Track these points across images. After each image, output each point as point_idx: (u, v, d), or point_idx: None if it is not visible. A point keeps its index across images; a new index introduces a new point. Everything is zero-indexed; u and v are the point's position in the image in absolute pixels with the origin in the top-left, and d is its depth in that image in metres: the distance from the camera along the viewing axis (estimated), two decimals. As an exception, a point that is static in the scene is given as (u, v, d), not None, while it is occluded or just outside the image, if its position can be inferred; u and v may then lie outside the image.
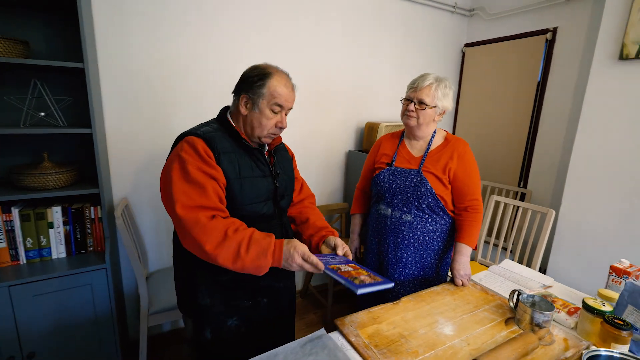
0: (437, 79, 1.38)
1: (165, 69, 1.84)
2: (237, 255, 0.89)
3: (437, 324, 1.09)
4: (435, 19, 2.76)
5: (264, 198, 1.07)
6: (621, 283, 1.14)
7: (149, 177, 1.90)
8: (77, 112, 1.63)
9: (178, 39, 1.84)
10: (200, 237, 0.88)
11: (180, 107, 1.92)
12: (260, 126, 1.05)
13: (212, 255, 0.88)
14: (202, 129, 1.02)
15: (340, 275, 0.91)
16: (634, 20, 1.60)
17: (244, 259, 0.89)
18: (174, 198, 0.90)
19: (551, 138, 2.34)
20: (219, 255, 0.88)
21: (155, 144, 1.89)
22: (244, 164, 1.04)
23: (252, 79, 1.02)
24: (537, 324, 1.04)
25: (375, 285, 0.92)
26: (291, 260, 0.92)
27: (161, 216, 1.99)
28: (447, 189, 1.41)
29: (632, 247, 1.68)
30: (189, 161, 0.94)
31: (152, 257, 2.00)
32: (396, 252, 1.47)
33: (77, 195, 1.62)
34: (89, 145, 1.52)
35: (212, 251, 0.88)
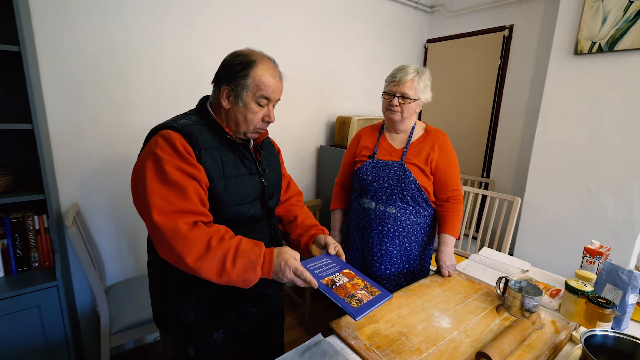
0: (418, 70, 1.36)
1: (118, 56, 1.64)
2: (223, 268, 0.79)
3: (433, 317, 1.07)
4: (399, 14, 2.78)
5: (250, 199, 0.97)
6: (594, 263, 1.21)
7: (102, 177, 1.69)
8: (12, 105, 1.39)
9: (132, 22, 1.65)
10: (181, 248, 0.76)
11: (136, 99, 1.73)
12: (245, 121, 0.94)
13: (193, 269, 0.77)
14: (180, 122, 0.89)
15: (335, 296, 0.85)
16: (586, 18, 1.71)
17: (230, 272, 0.79)
18: (150, 203, 0.78)
19: (511, 130, 2.47)
20: (202, 268, 0.78)
21: (109, 141, 1.68)
22: (229, 162, 0.93)
23: (233, 67, 0.91)
24: (528, 309, 1.06)
25: (374, 303, 0.87)
26: (282, 274, 0.83)
27: (120, 221, 1.78)
28: (429, 180, 1.41)
29: (590, 228, 1.82)
30: (166, 159, 0.81)
31: (111, 268, 1.79)
32: (381, 246, 1.44)
33: (16, 204, 1.39)
34: (28, 144, 1.31)
35: (194, 264, 0.77)
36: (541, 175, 1.99)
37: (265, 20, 2.09)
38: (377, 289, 0.93)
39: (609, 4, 1.63)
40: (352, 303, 0.84)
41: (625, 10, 1.59)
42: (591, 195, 1.79)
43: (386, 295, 0.92)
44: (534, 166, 2.01)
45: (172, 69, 1.80)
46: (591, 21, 1.69)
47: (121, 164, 1.73)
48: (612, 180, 1.72)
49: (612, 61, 1.66)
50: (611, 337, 0.86)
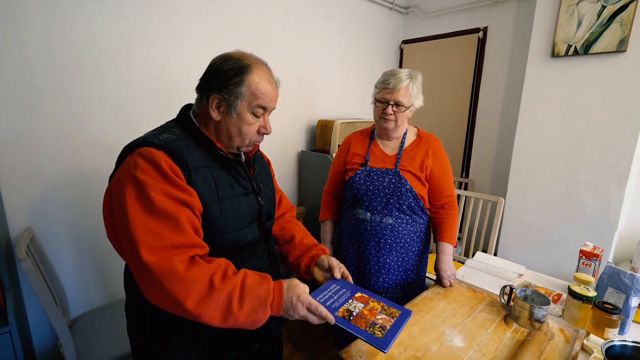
0: (411, 75, 1.31)
1: (76, 58, 1.44)
2: (228, 310, 0.68)
3: (444, 336, 1.01)
4: (375, 14, 2.75)
5: (248, 221, 0.86)
6: (591, 265, 1.22)
7: (61, 197, 1.49)
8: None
9: (92, 21, 1.46)
10: (178, 291, 0.64)
11: (98, 106, 1.54)
12: (239, 135, 0.83)
13: (194, 314, 0.65)
14: (162, 137, 0.76)
15: (356, 329, 0.76)
16: (562, 21, 1.75)
17: (237, 314, 0.68)
18: (135, 239, 0.65)
19: (488, 130, 2.52)
20: (204, 312, 0.66)
21: (65, 154, 1.48)
22: (222, 181, 0.81)
23: (224, 73, 0.79)
24: (537, 319, 1.03)
25: (398, 326, 0.80)
26: (293, 311, 0.74)
27: (82, 244, 1.58)
28: (425, 187, 1.36)
29: (570, 225, 1.88)
30: (150, 184, 0.68)
31: (74, 299, 1.58)
32: (378, 259, 1.37)
33: (-48, 234, 1.16)
34: None
35: (195, 308, 0.65)
36: (522, 176, 2.03)
37: (241, 19, 1.95)
38: (396, 309, 0.86)
39: (583, 8, 1.68)
40: (375, 333, 0.76)
41: (599, 14, 1.64)
42: (570, 194, 1.85)
43: (407, 314, 0.85)
44: (515, 167, 2.05)
45: (139, 73, 1.62)
46: (567, 25, 1.74)
47: (81, 180, 1.53)
48: (590, 179, 1.78)
49: (588, 64, 1.72)
50: (630, 347, 0.85)
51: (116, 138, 1.60)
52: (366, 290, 0.92)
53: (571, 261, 1.87)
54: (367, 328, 0.77)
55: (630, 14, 1.55)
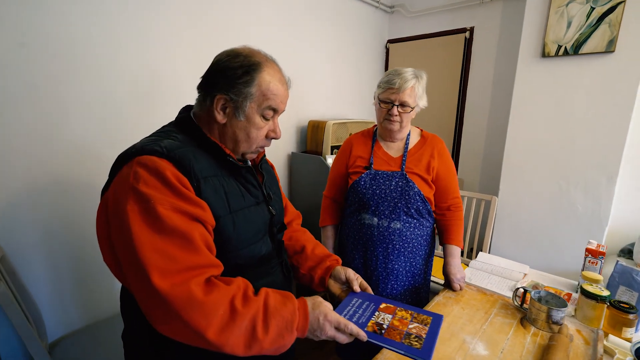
0: (417, 75, 1.27)
1: (49, 59, 1.29)
2: (253, 337, 0.60)
3: (466, 344, 0.98)
4: (360, 13, 2.71)
5: (261, 234, 0.78)
6: (597, 263, 1.23)
7: (34, 209, 1.34)
8: None
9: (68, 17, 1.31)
10: (198, 321, 0.56)
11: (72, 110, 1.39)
12: (247, 139, 0.75)
13: (216, 344, 0.57)
14: (163, 143, 0.67)
15: (392, 342, 0.71)
16: (552, 22, 1.78)
17: (263, 341, 0.61)
18: (145, 263, 0.56)
19: (476, 129, 2.55)
20: (227, 342, 0.58)
21: (37, 163, 1.33)
22: (232, 191, 0.73)
23: (233, 72, 0.71)
24: (555, 322, 1.02)
25: (434, 333, 0.75)
26: (320, 332, 0.68)
27: (58, 261, 1.43)
28: (432, 189, 1.33)
29: (562, 223, 1.92)
30: (157, 198, 0.59)
31: (51, 322, 1.43)
32: (386, 265, 1.32)
33: None
34: None
35: (217, 338, 0.57)
36: (514, 174, 2.05)
37: (228, 21, 1.85)
38: (426, 315, 0.82)
39: (572, 9, 1.72)
40: (413, 344, 0.71)
41: (588, 15, 1.68)
42: (562, 192, 1.89)
43: (439, 319, 0.81)
44: (507, 165, 2.07)
45: (118, 74, 1.49)
46: (557, 25, 1.77)
47: (55, 190, 1.38)
48: (581, 178, 1.82)
49: (578, 64, 1.76)
50: (657, 348, 0.84)
51: (95, 144, 1.46)
52: (390, 300, 0.88)
53: (564, 258, 1.91)
54: (402, 340, 0.72)
55: (618, 15, 1.60)
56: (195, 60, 1.73)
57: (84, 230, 1.49)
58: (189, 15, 1.69)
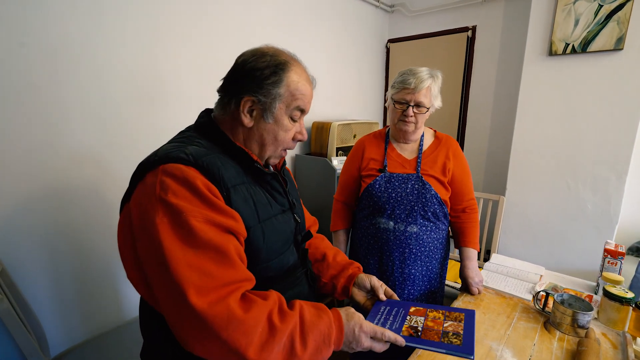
0: (432, 75, 1.24)
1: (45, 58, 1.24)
2: (291, 354, 0.58)
3: (493, 352, 0.95)
4: (360, 12, 2.68)
5: (289, 244, 0.75)
6: (617, 264, 1.21)
7: (32, 220, 1.28)
8: None
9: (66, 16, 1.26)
10: (238, 339, 0.52)
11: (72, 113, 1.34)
12: (275, 142, 0.72)
13: None
14: (188, 150, 0.63)
15: (432, 343, 0.69)
16: (559, 20, 1.77)
17: (301, 357, 0.58)
18: (180, 280, 0.52)
19: (479, 128, 2.53)
20: None
21: (38, 169, 1.27)
22: (260, 200, 0.69)
23: (260, 72, 0.68)
24: (581, 326, 1.00)
25: (470, 328, 0.75)
26: (356, 344, 0.65)
27: (59, 273, 1.37)
28: (448, 191, 1.30)
29: (571, 222, 1.91)
30: (189, 210, 0.55)
31: (53, 336, 1.37)
32: (403, 269, 1.29)
33: None
34: None
35: (257, 357, 0.54)
36: (521, 174, 2.04)
37: (228, 21, 1.81)
38: (458, 312, 0.81)
39: (580, 7, 1.70)
40: (453, 342, 0.70)
41: (596, 13, 1.67)
42: (571, 191, 1.88)
43: (472, 314, 0.80)
44: (514, 164, 2.06)
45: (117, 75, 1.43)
46: (564, 23, 1.76)
47: (54, 197, 1.32)
48: (590, 176, 1.81)
49: (586, 62, 1.75)
50: (693, 353, 0.82)
51: (95, 147, 1.41)
52: (418, 303, 0.86)
53: (574, 257, 1.90)
54: (441, 339, 0.71)
55: (627, 12, 1.59)
56: (195, 60, 1.68)
57: (85, 240, 1.43)
58: (189, 15, 1.64)
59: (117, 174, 1.48)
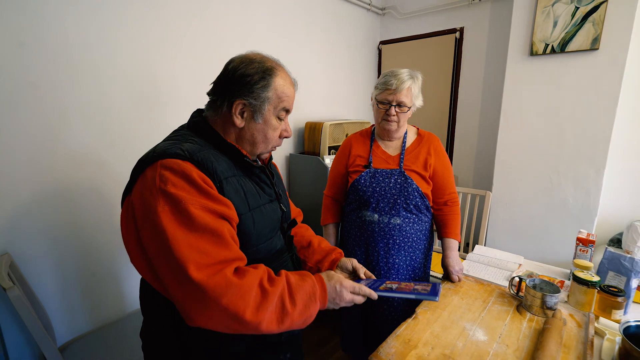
0: (412, 75, 1.32)
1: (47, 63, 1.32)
2: (283, 311, 0.66)
3: (466, 331, 1.03)
4: (352, 15, 2.77)
5: (276, 230, 0.83)
6: (587, 251, 1.29)
7: (38, 216, 1.36)
8: None
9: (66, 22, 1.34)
10: (237, 303, 0.60)
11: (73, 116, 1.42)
12: (265, 140, 0.80)
13: (253, 323, 0.62)
14: (184, 147, 0.70)
15: (403, 292, 0.81)
16: (539, 21, 1.85)
17: (292, 313, 0.67)
18: (181, 258, 0.59)
19: (468, 127, 2.61)
20: (263, 319, 0.63)
21: (42, 168, 1.36)
22: (250, 191, 0.77)
23: (250, 78, 0.75)
24: (549, 307, 1.07)
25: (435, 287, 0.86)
26: (339, 299, 0.75)
27: (64, 266, 1.45)
28: (429, 185, 1.38)
29: (554, 215, 1.99)
30: (187, 199, 0.63)
31: (59, 327, 1.45)
32: (387, 259, 1.37)
33: None
34: None
35: (254, 317, 0.62)
36: (506, 170, 2.12)
37: (224, 25, 1.89)
38: (426, 283, 0.91)
39: (558, 9, 1.78)
40: (421, 292, 0.82)
41: (573, 15, 1.75)
42: (553, 185, 1.96)
43: (439, 284, 0.90)
44: (499, 161, 2.14)
45: (117, 79, 1.52)
46: (543, 24, 1.84)
47: (59, 196, 1.41)
48: (571, 171, 1.89)
49: (564, 61, 1.83)
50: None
51: (95, 147, 1.49)
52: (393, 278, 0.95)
53: (557, 248, 1.98)
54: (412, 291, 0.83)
55: (601, 14, 1.67)
56: (191, 62, 1.77)
57: (88, 236, 1.51)
58: (185, 18, 1.72)
59: (117, 173, 1.56)
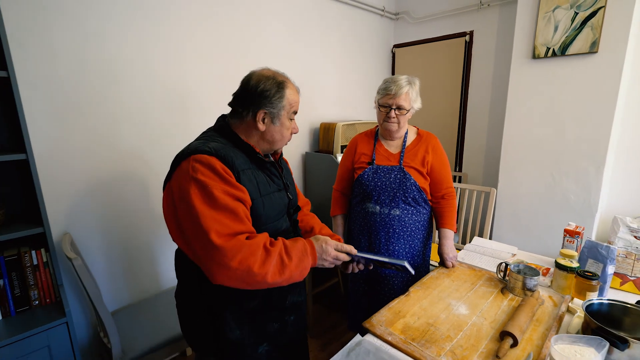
0: (410, 81, 1.46)
1: (101, 78, 1.57)
2: (283, 264, 0.85)
3: (451, 306, 1.17)
4: (367, 21, 2.92)
5: (282, 214, 1.02)
6: (574, 242, 1.40)
7: (92, 203, 1.61)
8: (-8, 134, 1.29)
9: (119, 44, 1.59)
10: (248, 260, 0.79)
11: (121, 121, 1.67)
12: (282, 138, 1.00)
13: (260, 275, 0.81)
14: (211, 145, 0.90)
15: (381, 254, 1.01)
16: (540, 26, 1.94)
17: (290, 265, 0.85)
18: (206, 228, 0.79)
19: (477, 127, 2.71)
20: (268, 271, 0.82)
21: (96, 163, 1.61)
22: (261, 181, 0.96)
23: (269, 92, 0.94)
24: (529, 289, 1.20)
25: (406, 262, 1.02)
26: (326, 254, 0.94)
27: (112, 247, 1.70)
28: (427, 180, 1.52)
29: (556, 211, 2.07)
30: (212, 184, 0.83)
31: (106, 298, 1.70)
32: (388, 246, 1.53)
33: (7, 240, 1.28)
34: (12, 175, 1.23)
35: (261, 270, 0.81)
36: (511, 168, 2.21)
37: (246, 35, 2.10)
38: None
39: (558, 14, 1.87)
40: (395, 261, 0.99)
41: (572, 19, 1.83)
42: (555, 182, 2.04)
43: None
44: (504, 160, 2.23)
45: (157, 90, 1.76)
46: (545, 29, 1.92)
47: (109, 187, 1.66)
48: (572, 168, 1.97)
49: (565, 64, 1.91)
50: (606, 304, 1.02)
51: (138, 145, 1.74)
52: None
53: (558, 242, 2.05)
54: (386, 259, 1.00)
55: (599, 19, 1.74)
56: (216, 75, 1.99)
57: (130, 221, 1.76)
58: (212, 34, 1.94)
59: (155, 167, 1.81)
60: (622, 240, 1.27)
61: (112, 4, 1.56)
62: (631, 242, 1.25)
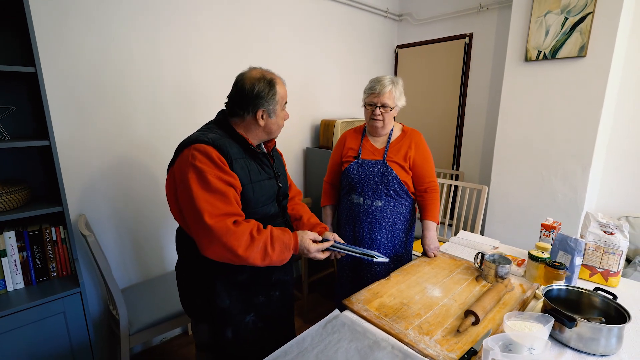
0: (393, 81, 1.55)
1: (115, 74, 1.72)
2: (265, 253, 0.96)
3: (426, 289, 1.28)
4: (371, 22, 3.01)
5: (271, 200, 1.13)
6: (550, 236, 1.48)
7: (105, 188, 1.76)
8: (20, 123, 1.44)
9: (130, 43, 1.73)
10: (232, 243, 0.91)
11: (133, 113, 1.81)
12: (278, 128, 1.14)
13: (243, 258, 0.93)
14: (209, 136, 1.02)
15: (355, 247, 1.10)
16: (533, 30, 2.01)
17: (272, 255, 0.97)
18: (200, 208, 0.91)
19: (475, 127, 2.77)
20: (250, 255, 0.93)
21: (110, 152, 1.76)
22: (253, 169, 1.08)
23: (264, 92, 1.06)
24: (500, 276, 1.29)
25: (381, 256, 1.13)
26: (306, 250, 1.06)
27: (122, 229, 1.85)
28: (408, 174, 1.60)
29: (544, 208, 2.13)
30: (207, 170, 0.95)
31: (117, 275, 1.85)
32: (370, 236, 1.63)
33: (29, 217, 1.44)
34: (36, 159, 1.38)
35: (244, 253, 0.92)
36: (503, 167, 2.28)
37: (251, 35, 2.22)
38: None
39: (549, 19, 1.94)
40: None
41: (562, 24, 1.89)
42: (544, 181, 2.10)
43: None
44: (497, 159, 2.30)
45: (166, 86, 1.90)
46: (537, 33, 1.99)
47: (121, 174, 1.81)
48: (560, 168, 2.03)
49: (555, 67, 1.97)
50: (564, 290, 1.11)
51: (149, 138, 1.88)
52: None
53: (546, 240, 2.12)
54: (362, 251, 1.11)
55: (588, 24, 1.80)
56: (222, 73, 2.12)
57: (137, 208, 1.90)
58: (217, 34, 2.06)
59: (163, 158, 1.95)
60: (592, 235, 1.34)
61: (127, 8, 1.70)
62: (600, 236, 1.32)
